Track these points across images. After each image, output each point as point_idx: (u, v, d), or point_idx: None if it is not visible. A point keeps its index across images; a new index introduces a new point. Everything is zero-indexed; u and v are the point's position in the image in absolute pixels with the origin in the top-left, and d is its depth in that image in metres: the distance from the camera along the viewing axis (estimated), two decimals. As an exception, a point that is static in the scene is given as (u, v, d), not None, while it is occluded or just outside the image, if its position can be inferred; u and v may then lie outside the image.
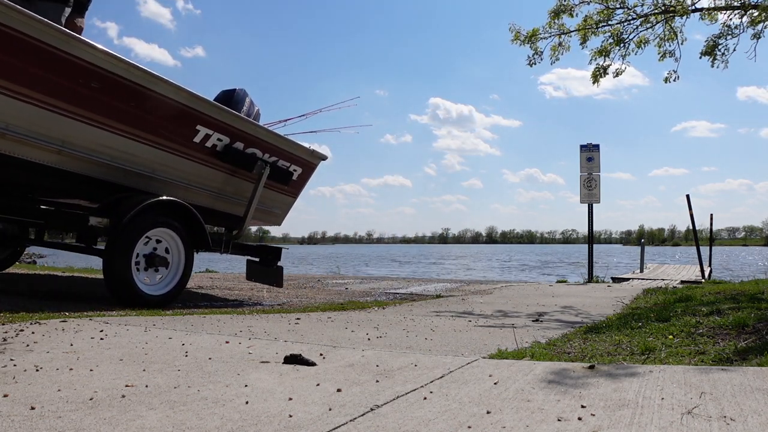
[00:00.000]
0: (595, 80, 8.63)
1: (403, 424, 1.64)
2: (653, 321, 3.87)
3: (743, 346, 2.94)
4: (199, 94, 5.13)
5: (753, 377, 2.13)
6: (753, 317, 3.63)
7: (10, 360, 2.29)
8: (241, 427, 1.58)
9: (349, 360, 2.56)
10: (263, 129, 5.91)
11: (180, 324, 3.50)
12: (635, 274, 13.76)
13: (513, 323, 4.23)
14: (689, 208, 11.16)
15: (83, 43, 4.22)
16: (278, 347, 2.81)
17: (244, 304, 5.62)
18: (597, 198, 10.93)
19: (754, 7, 7.64)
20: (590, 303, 5.89)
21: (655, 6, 8.02)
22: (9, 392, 1.83)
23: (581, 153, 11.14)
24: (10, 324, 3.13)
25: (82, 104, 4.34)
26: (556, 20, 8.29)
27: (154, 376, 2.14)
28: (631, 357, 2.84)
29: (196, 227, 5.10)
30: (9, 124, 4.00)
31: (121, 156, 4.74)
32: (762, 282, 6.79)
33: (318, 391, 1.99)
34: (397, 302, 5.85)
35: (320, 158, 6.62)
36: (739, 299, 4.86)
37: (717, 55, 8.27)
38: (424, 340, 3.31)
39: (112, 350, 2.58)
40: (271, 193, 6.14)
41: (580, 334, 3.60)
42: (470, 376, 2.26)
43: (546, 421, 1.67)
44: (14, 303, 4.21)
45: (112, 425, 1.56)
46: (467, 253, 68.54)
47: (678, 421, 1.65)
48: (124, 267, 4.47)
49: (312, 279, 9.89)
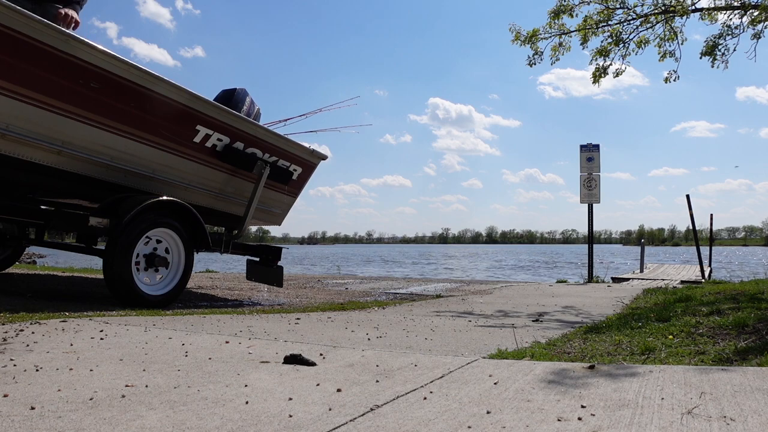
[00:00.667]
0: (596, 80, 8.63)
1: (403, 424, 1.64)
2: (653, 321, 3.87)
3: (743, 346, 2.94)
4: (199, 94, 5.13)
5: (753, 377, 2.13)
6: (753, 317, 3.63)
7: (10, 360, 2.29)
8: (241, 427, 1.58)
9: (349, 360, 2.56)
10: (263, 129, 5.91)
11: (180, 324, 3.50)
12: (635, 274, 13.76)
13: (513, 323, 4.23)
14: (689, 208, 11.16)
15: (83, 44, 4.22)
16: (278, 347, 2.81)
17: (244, 304, 5.62)
18: (597, 198, 10.93)
19: (754, 7, 7.64)
20: (590, 303, 5.89)
21: (655, 6, 8.02)
22: (9, 392, 1.83)
23: (581, 153, 11.14)
24: (10, 324, 3.13)
25: (83, 105, 4.34)
26: (556, 20, 8.29)
27: (154, 376, 2.14)
28: (631, 357, 2.84)
29: (196, 227, 5.10)
30: (9, 124, 4.00)
31: (122, 156, 4.74)
32: (762, 282, 6.78)
33: (318, 391, 1.99)
34: (397, 302, 5.85)
35: (320, 158, 6.62)
36: (739, 299, 4.85)
37: (717, 55, 8.27)
38: (424, 340, 3.31)
39: (112, 350, 2.58)
40: (271, 193, 6.14)
41: (580, 334, 3.60)
42: (470, 376, 2.26)
43: (546, 421, 1.67)
44: (14, 303, 4.21)
45: (112, 425, 1.56)
46: (466, 253, 68.52)
47: (678, 421, 1.65)
48: (125, 267, 4.47)
49: (312, 279, 9.89)
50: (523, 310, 5.16)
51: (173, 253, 4.94)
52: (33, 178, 4.58)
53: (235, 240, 5.95)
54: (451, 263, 37.40)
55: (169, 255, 4.90)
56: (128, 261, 4.50)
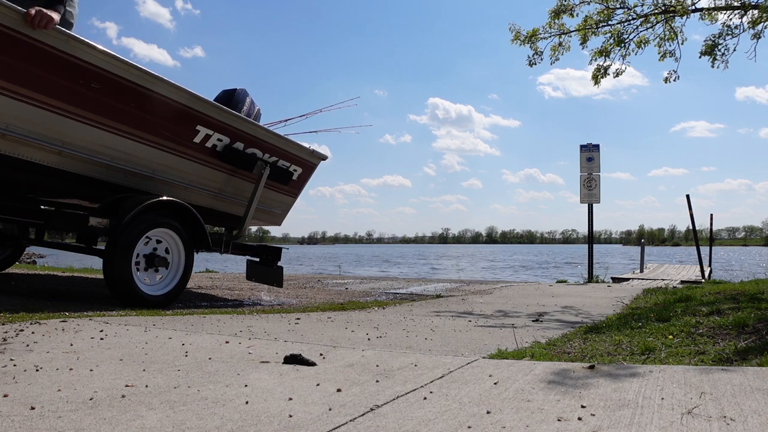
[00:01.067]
0: (596, 81, 8.64)
1: (403, 424, 1.64)
2: (653, 321, 3.87)
3: (743, 346, 2.94)
4: (199, 94, 5.13)
5: (753, 377, 2.13)
6: (753, 317, 3.63)
7: (10, 360, 2.29)
8: (241, 427, 1.58)
9: (349, 360, 2.56)
10: (263, 129, 5.91)
11: (180, 324, 3.50)
12: (635, 274, 13.76)
13: (513, 323, 4.23)
14: (689, 208, 11.16)
15: (83, 44, 4.22)
16: (278, 347, 2.81)
17: (244, 304, 5.62)
18: (597, 198, 10.93)
19: (755, 7, 7.64)
20: (590, 303, 5.89)
21: (655, 6, 8.03)
22: (9, 392, 1.83)
23: (581, 153, 11.15)
24: (10, 324, 3.13)
25: (83, 105, 4.34)
26: (556, 20, 8.30)
27: (154, 376, 2.14)
28: (631, 357, 2.84)
29: (196, 227, 5.10)
30: (9, 124, 4.00)
31: (122, 156, 4.74)
32: (762, 282, 6.78)
33: (318, 391, 1.99)
34: (397, 302, 5.85)
35: (320, 158, 6.62)
36: (739, 299, 4.85)
37: (717, 55, 8.28)
38: (424, 340, 3.31)
39: (112, 350, 2.58)
40: (271, 193, 6.14)
41: (580, 334, 3.60)
42: (470, 376, 2.26)
43: (546, 421, 1.67)
44: (14, 303, 4.21)
45: (112, 425, 1.56)
46: (465, 253, 68.49)
47: (678, 421, 1.65)
48: (125, 267, 4.47)
49: (312, 279, 9.89)
50: (523, 310, 5.16)
51: (173, 253, 4.94)
52: (33, 178, 4.58)
53: (235, 240, 5.95)
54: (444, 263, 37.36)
55: (169, 255, 4.90)
56: (128, 261, 4.51)
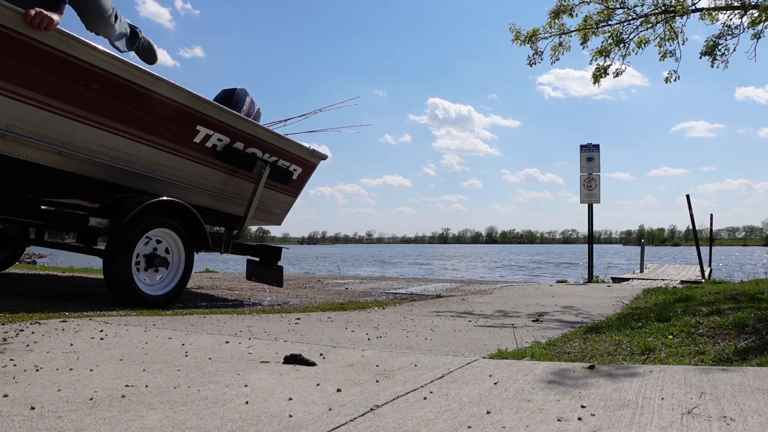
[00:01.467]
0: (596, 81, 8.63)
1: (403, 424, 1.64)
2: (653, 321, 3.87)
3: (743, 346, 2.94)
4: (199, 94, 5.13)
5: (753, 377, 2.13)
6: (753, 317, 3.63)
7: (10, 360, 2.29)
8: (241, 427, 1.58)
9: (349, 360, 2.56)
10: (263, 129, 5.91)
11: (180, 324, 3.50)
12: (635, 274, 13.76)
13: (513, 323, 4.23)
14: (689, 208, 11.16)
15: (84, 44, 4.22)
16: (278, 347, 2.81)
17: (244, 304, 5.62)
18: (597, 198, 10.93)
19: (754, 7, 7.64)
20: (590, 303, 5.89)
21: (655, 6, 8.02)
22: (9, 392, 1.83)
23: (581, 153, 11.14)
24: (10, 324, 3.13)
25: (83, 105, 4.34)
26: (556, 20, 8.30)
27: (154, 376, 2.14)
28: (631, 357, 2.84)
29: (196, 227, 5.10)
30: (9, 125, 4.00)
31: (122, 157, 4.74)
32: (762, 282, 6.78)
33: (318, 391, 1.99)
34: (397, 302, 5.85)
35: (320, 158, 6.62)
36: (739, 299, 4.85)
37: (717, 55, 8.27)
38: (424, 340, 3.31)
39: (112, 350, 2.58)
40: (271, 193, 6.14)
41: (580, 334, 3.60)
42: (470, 376, 2.26)
43: (546, 421, 1.67)
44: (14, 303, 4.21)
45: (112, 425, 1.56)
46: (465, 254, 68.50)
47: (678, 421, 1.65)
48: (125, 267, 4.47)
49: (312, 279, 9.89)
50: (523, 310, 5.16)
51: (173, 253, 4.94)
52: (33, 178, 4.58)
53: (235, 240, 5.95)
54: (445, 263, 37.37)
55: (169, 255, 4.90)
56: (128, 261, 4.51)
